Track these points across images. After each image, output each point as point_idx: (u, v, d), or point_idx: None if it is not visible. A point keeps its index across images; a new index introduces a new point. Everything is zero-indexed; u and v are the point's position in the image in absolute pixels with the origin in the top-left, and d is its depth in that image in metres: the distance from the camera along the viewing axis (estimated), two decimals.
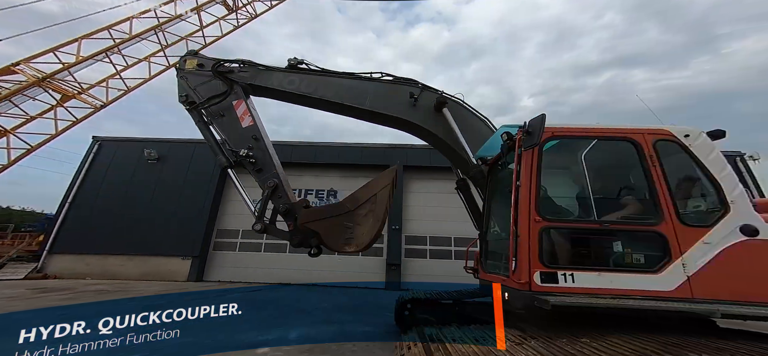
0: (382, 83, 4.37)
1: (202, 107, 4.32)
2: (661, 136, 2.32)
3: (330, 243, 3.57)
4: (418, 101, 4.08)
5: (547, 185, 2.41)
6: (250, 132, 4.12)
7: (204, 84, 4.43)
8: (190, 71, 4.48)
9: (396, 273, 10.15)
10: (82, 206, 10.43)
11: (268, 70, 4.55)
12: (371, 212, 3.44)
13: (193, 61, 4.55)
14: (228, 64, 4.50)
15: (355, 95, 4.34)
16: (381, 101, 4.27)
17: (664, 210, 2.11)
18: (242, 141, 4.10)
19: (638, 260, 2.15)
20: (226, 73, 4.37)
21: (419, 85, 4.19)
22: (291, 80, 4.48)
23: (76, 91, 13.75)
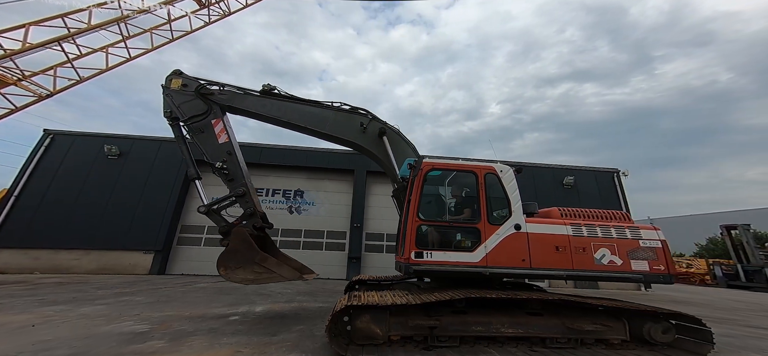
0: (339, 112, 5.34)
1: (185, 122, 5.03)
2: (488, 170, 3.86)
3: (225, 255, 4.27)
4: (367, 129, 5.12)
5: (425, 199, 3.82)
6: (225, 148, 4.93)
7: (187, 102, 5.13)
8: (174, 90, 5.16)
9: (356, 266, 11.32)
10: (30, 199, 9.98)
11: (245, 94, 5.38)
12: (258, 275, 4.15)
13: (178, 81, 5.22)
14: (210, 86, 5.26)
15: (318, 121, 5.29)
16: (338, 127, 5.26)
17: (482, 215, 3.63)
18: (218, 155, 4.91)
19: (466, 244, 3.63)
20: (208, 95, 5.14)
21: (369, 116, 5.23)
22: (263, 104, 5.36)
23: (16, 77, 12.80)
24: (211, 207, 4.74)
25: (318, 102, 5.42)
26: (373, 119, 5.21)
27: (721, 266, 18.52)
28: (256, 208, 4.76)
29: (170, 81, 5.25)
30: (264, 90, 5.37)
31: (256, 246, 4.27)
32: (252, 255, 4.22)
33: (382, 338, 3.11)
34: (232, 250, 4.32)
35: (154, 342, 3.16)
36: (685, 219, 40.56)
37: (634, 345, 3.37)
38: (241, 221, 4.62)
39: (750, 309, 7.87)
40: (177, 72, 5.42)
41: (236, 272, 4.22)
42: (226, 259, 4.28)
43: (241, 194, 4.80)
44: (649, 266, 3.63)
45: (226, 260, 4.28)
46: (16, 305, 4.64)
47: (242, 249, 4.28)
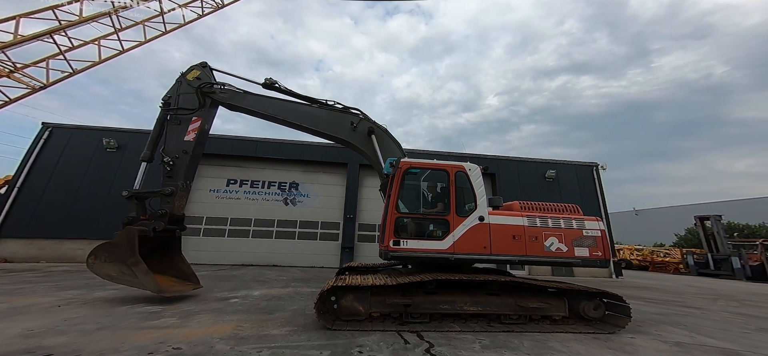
0: (332, 112, 5.79)
1: (173, 110, 5.38)
2: (458, 168, 4.41)
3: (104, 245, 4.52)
4: (357, 128, 5.56)
5: (403, 193, 4.37)
6: (184, 146, 5.23)
7: (186, 94, 5.54)
8: (187, 80, 5.52)
9: (349, 256, 11.95)
10: (32, 191, 10.30)
11: (244, 94, 5.80)
12: (122, 275, 4.34)
13: (196, 73, 5.59)
14: (213, 85, 5.64)
15: (312, 119, 5.74)
16: (330, 125, 5.72)
17: (451, 208, 4.20)
18: (174, 150, 5.19)
19: (437, 234, 4.21)
20: (209, 94, 5.54)
21: (360, 116, 5.66)
22: (262, 103, 5.78)
23: (8, 69, 12.81)
24: (136, 194, 4.91)
25: (314, 99, 5.83)
26: (363, 119, 5.63)
27: (694, 255, 19.69)
28: (173, 211, 4.92)
29: (191, 70, 5.59)
30: (266, 83, 5.73)
31: (136, 250, 4.34)
32: (127, 256, 4.34)
33: (364, 314, 3.70)
34: (114, 244, 4.47)
35: (166, 319, 3.70)
36: (671, 210, 42.11)
37: (573, 320, 4.03)
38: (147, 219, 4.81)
39: (698, 293, 8.74)
40: (202, 64, 5.74)
41: (103, 265, 4.39)
42: (101, 249, 4.46)
43: (168, 193, 4.95)
44: (589, 252, 4.26)
45: (101, 251, 4.45)
46: (37, 290, 5.14)
47: (122, 247, 4.40)
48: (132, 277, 4.33)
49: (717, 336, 3.84)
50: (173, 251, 5.19)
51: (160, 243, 4.96)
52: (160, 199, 4.99)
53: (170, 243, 5.14)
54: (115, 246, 4.47)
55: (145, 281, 4.31)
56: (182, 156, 5.19)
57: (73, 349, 2.56)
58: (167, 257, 5.09)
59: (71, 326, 3.21)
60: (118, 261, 4.38)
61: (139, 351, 2.58)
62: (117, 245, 4.47)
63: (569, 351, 3.05)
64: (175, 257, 5.18)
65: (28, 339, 2.74)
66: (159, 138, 5.38)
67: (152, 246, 4.80)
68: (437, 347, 3.03)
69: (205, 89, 5.52)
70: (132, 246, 4.38)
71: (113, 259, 4.40)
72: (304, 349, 2.84)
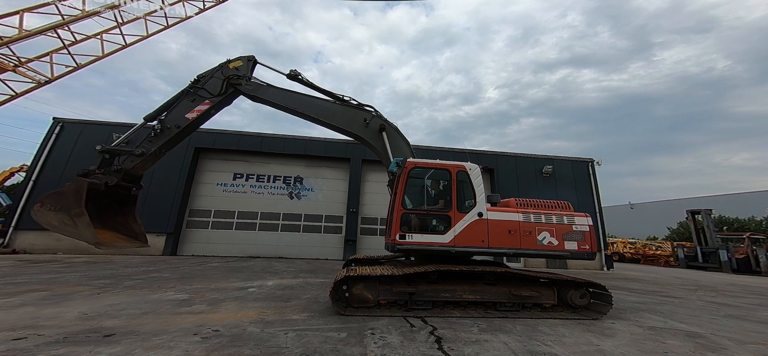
0: (347, 108, 6.07)
1: (196, 87, 5.74)
2: (460, 168, 4.79)
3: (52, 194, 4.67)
4: (370, 124, 5.87)
5: (408, 191, 4.76)
6: (182, 122, 5.63)
7: (216, 79, 5.87)
8: (226, 67, 5.89)
9: (352, 248, 12.43)
10: (47, 184, 10.61)
11: (267, 86, 6.11)
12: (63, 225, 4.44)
13: (238, 63, 5.95)
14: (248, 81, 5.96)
15: (328, 114, 6.04)
16: (345, 120, 6.01)
17: (453, 205, 4.60)
18: (172, 121, 5.58)
19: (439, 229, 4.61)
20: (235, 84, 5.87)
21: (372, 113, 5.96)
22: (283, 97, 6.09)
23: (13, 63, 12.94)
24: (108, 149, 5.16)
25: (331, 93, 6.14)
26: (375, 116, 5.94)
27: (684, 248, 20.35)
28: (132, 170, 5.20)
29: (237, 60, 5.95)
30: (290, 74, 6.05)
31: (82, 201, 4.40)
32: (72, 206, 4.44)
33: (372, 301, 4.12)
34: (62, 193, 4.59)
35: (197, 306, 4.13)
36: (665, 204, 42.86)
37: (561, 307, 4.49)
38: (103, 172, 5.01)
39: (682, 285, 9.29)
40: (249, 58, 6.06)
41: (47, 213, 4.49)
42: (49, 197, 4.60)
43: (138, 154, 5.24)
44: (578, 246, 4.68)
45: (48, 199, 4.58)
46: (70, 280, 5.55)
47: (70, 196, 4.49)
48: (72, 228, 4.43)
49: (688, 322, 4.31)
50: (127, 210, 5.33)
51: (115, 200, 5.13)
52: (127, 157, 5.23)
53: (126, 201, 5.30)
54: (63, 195, 4.57)
55: (84, 232, 4.40)
56: (173, 129, 5.53)
57: (130, 330, 2.97)
58: (120, 215, 5.24)
59: (118, 311, 3.63)
60: (63, 211, 4.49)
61: (186, 332, 2.99)
62: (65, 194, 4.56)
63: (556, 334, 3.49)
64: (127, 216, 5.32)
65: (87, 322, 3.15)
66: (171, 107, 5.67)
67: (108, 202, 4.98)
68: (440, 330, 3.46)
69: (232, 81, 5.84)
70: (79, 197, 4.45)
71: (58, 208, 4.51)
72: (324, 331, 3.26)
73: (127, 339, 2.73)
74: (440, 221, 4.72)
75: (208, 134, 12.68)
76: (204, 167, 12.77)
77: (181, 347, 2.62)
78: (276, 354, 2.56)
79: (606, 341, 3.25)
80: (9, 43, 12.60)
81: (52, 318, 3.21)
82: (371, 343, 2.95)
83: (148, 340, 2.73)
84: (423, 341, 3.09)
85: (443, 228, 4.64)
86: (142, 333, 2.92)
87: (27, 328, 2.88)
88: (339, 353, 2.66)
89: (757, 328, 4.10)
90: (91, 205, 4.54)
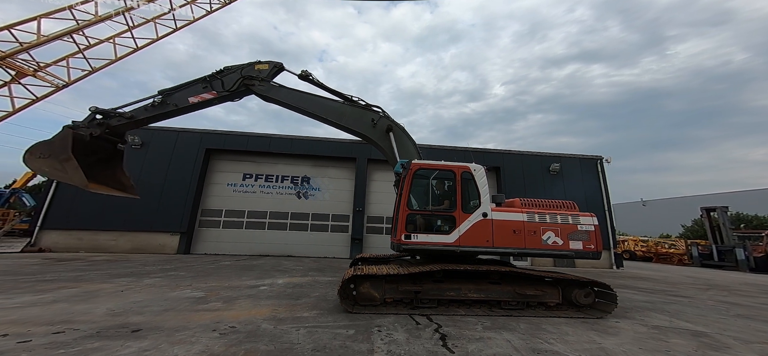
0: (356, 108, 6.18)
1: (213, 77, 6.10)
2: (464, 169, 4.86)
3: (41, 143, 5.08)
4: (377, 124, 5.97)
5: (414, 191, 4.87)
6: (183, 102, 6.02)
7: (232, 75, 6.15)
8: (251, 67, 6.20)
9: (359, 247, 12.62)
10: (69, 185, 11.16)
11: (279, 87, 6.30)
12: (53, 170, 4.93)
13: (265, 66, 6.26)
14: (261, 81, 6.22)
15: (337, 114, 6.18)
16: (353, 121, 6.13)
17: (458, 206, 4.69)
18: (176, 100, 5.98)
19: (444, 229, 4.71)
20: (249, 85, 6.13)
21: (380, 113, 6.07)
22: (294, 97, 6.27)
23: (32, 68, 13.53)
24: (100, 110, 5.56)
25: (340, 93, 6.30)
26: (383, 116, 6.05)
27: (698, 246, 19.83)
28: (118, 128, 5.65)
29: (265, 63, 6.25)
30: (301, 75, 6.25)
31: (69, 148, 4.86)
32: (60, 153, 4.90)
33: (379, 300, 4.27)
34: (50, 142, 5.03)
35: (213, 304, 4.35)
36: (679, 201, 41.69)
37: (566, 306, 4.54)
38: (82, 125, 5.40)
39: (693, 284, 9.14)
40: (275, 63, 6.36)
41: (37, 160, 4.94)
42: (38, 146, 5.02)
43: (128, 117, 5.73)
44: (583, 245, 4.71)
45: (37, 147, 5.00)
46: (93, 277, 5.88)
47: (57, 144, 4.94)
48: (62, 172, 4.89)
49: (694, 321, 4.31)
50: (114, 164, 5.84)
51: (102, 157, 5.59)
52: (116, 117, 5.66)
53: (113, 157, 5.79)
54: (50, 144, 5.01)
55: (74, 175, 4.86)
56: (171, 106, 5.94)
57: (154, 326, 3.19)
58: (110, 169, 5.74)
59: (142, 307, 3.87)
60: (52, 157, 4.94)
61: (205, 329, 3.20)
62: (52, 143, 4.99)
63: (559, 332, 3.56)
64: (116, 170, 5.85)
65: (115, 317, 3.40)
66: (190, 87, 6.07)
67: (95, 160, 5.44)
68: (445, 328, 3.58)
69: (246, 81, 6.08)
70: (65, 145, 4.89)
71: (47, 155, 4.95)
72: (333, 328, 3.42)
73: (152, 335, 2.94)
74: (445, 221, 4.81)
75: (218, 136, 13.03)
76: (215, 167, 13.13)
77: (202, 342, 2.81)
78: (289, 350, 2.72)
79: (609, 339, 3.31)
80: (29, 49, 13.21)
81: (83, 314, 3.47)
82: (378, 340, 3.09)
83: (171, 335, 2.94)
84: (428, 338, 3.21)
85: (448, 228, 4.74)
86: (165, 328, 3.13)
87: (63, 323, 3.13)
88: (347, 349, 2.81)
89: (765, 328, 4.07)
90: (79, 158, 4.95)
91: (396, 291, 4.34)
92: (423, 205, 5.06)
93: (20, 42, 12.95)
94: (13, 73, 13.22)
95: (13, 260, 7.96)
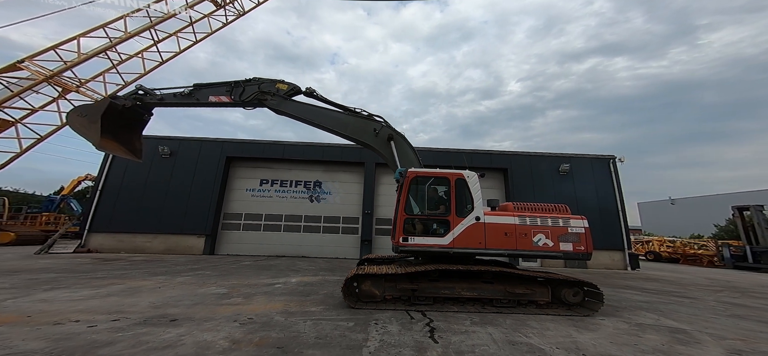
0: (359, 119, 6.66)
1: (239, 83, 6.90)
2: (458, 176, 5.20)
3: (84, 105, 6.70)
4: (379, 134, 6.42)
5: (411, 197, 5.28)
6: (205, 98, 6.93)
7: (252, 87, 6.88)
8: (272, 84, 6.89)
9: (368, 248, 13.14)
10: (110, 192, 12.53)
11: (291, 101, 6.89)
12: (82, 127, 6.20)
13: (284, 86, 6.90)
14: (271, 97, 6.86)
15: (341, 124, 6.68)
16: (357, 130, 6.61)
17: (452, 210, 5.04)
18: (202, 94, 6.88)
19: (439, 232, 5.08)
20: (262, 99, 6.81)
21: (382, 123, 6.51)
22: (302, 109, 6.85)
23: (75, 84, 15.17)
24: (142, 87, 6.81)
25: (344, 106, 6.83)
26: (384, 126, 6.49)
27: (730, 247, 18.65)
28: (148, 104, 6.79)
29: (283, 83, 6.94)
30: (307, 91, 6.91)
31: (100, 113, 6.10)
32: (93, 115, 6.18)
33: (379, 297, 4.72)
34: (91, 105, 6.65)
35: (235, 299, 4.99)
36: (711, 199, 38.91)
37: (556, 305, 4.78)
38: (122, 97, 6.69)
39: (709, 285, 8.84)
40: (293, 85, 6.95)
41: (74, 117, 6.28)
42: (82, 106, 6.58)
43: (159, 98, 6.82)
44: (573, 247, 4.93)
45: (80, 107, 6.50)
46: (135, 275, 6.77)
47: (95, 108, 6.30)
48: (86, 130, 6.15)
49: (681, 320, 4.41)
50: (136, 130, 6.99)
51: (130, 122, 6.74)
52: (150, 95, 6.80)
53: (137, 124, 6.94)
54: (90, 107, 6.49)
55: (92, 136, 6.14)
56: (194, 98, 6.93)
57: (188, 316, 3.84)
58: (129, 133, 6.84)
59: (176, 301, 4.57)
60: (84, 117, 6.23)
61: (228, 319, 3.80)
62: (92, 106, 6.46)
63: (542, 328, 3.86)
64: (134, 135, 6.98)
65: (156, 309, 4.09)
66: (212, 85, 6.99)
67: (125, 123, 6.65)
68: (436, 322, 3.97)
69: (260, 96, 6.80)
70: (99, 109, 6.17)
71: (83, 115, 6.29)
72: (336, 321, 3.92)
73: (186, 323, 3.57)
74: (440, 224, 5.20)
75: (237, 145, 14.03)
76: (235, 174, 14.15)
77: (225, 330, 3.40)
78: (296, 338, 3.25)
79: (585, 334, 3.57)
80: (72, 67, 14.87)
81: (131, 306, 4.19)
82: (374, 331, 3.55)
83: (201, 325, 3.56)
84: (418, 330, 3.63)
85: (443, 231, 5.12)
86: (196, 319, 3.77)
87: (117, 313, 3.85)
88: (345, 338, 3.29)
89: (751, 326, 4.12)
90: (110, 121, 6.28)
91: (395, 288, 4.77)
92: (419, 209, 5.47)
93: (64, 61, 14.63)
94: (60, 89, 14.96)
95: (69, 260, 9.17)
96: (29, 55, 14.42)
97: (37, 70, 14.42)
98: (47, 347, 2.71)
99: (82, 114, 6.34)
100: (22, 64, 14.30)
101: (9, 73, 14.14)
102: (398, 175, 5.68)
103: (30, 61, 14.50)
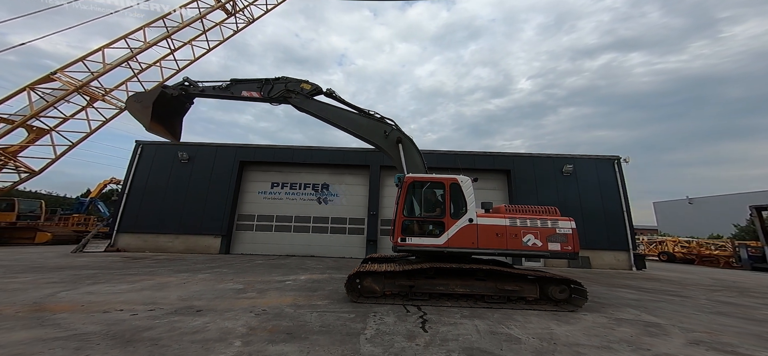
0: (371, 120, 7.11)
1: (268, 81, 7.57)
2: (452, 181, 5.59)
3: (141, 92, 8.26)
4: (389, 136, 6.84)
5: (408, 200, 5.71)
6: (238, 92, 7.62)
7: (279, 85, 7.48)
8: (297, 83, 7.49)
9: (373, 247, 13.62)
10: (135, 195, 13.54)
11: (313, 100, 7.42)
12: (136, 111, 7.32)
13: (309, 87, 7.47)
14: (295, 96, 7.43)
15: (356, 125, 7.16)
16: (369, 131, 7.05)
17: (446, 212, 5.44)
18: (236, 88, 7.62)
19: (435, 232, 5.48)
20: (287, 97, 7.40)
21: (392, 126, 6.92)
22: (321, 108, 7.37)
23: (101, 93, 16.31)
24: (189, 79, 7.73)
25: (359, 108, 7.32)
26: (394, 129, 6.89)
27: (748, 248, 18.10)
28: (192, 95, 7.74)
29: (307, 84, 7.52)
30: (327, 92, 7.46)
31: (152, 100, 7.10)
32: (146, 101, 7.23)
33: (379, 292, 5.18)
34: (145, 92, 7.87)
35: (250, 294, 5.56)
36: (731, 198, 37.31)
37: (544, 301, 5.11)
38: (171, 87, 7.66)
39: (710, 285, 8.84)
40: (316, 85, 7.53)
41: (132, 102, 7.49)
42: (138, 93, 7.93)
43: (201, 89, 7.70)
44: (561, 247, 5.25)
45: (137, 94, 7.78)
46: (162, 273, 7.50)
47: (148, 95, 7.40)
48: (139, 113, 7.19)
49: (661, 316, 4.66)
50: (178, 116, 7.94)
51: (175, 109, 7.71)
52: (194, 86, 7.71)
53: (180, 111, 7.91)
54: (145, 94, 7.66)
55: (143, 119, 7.16)
56: (228, 91, 7.64)
57: (210, 308, 4.42)
58: (173, 119, 7.77)
59: (200, 295, 5.18)
60: (139, 102, 7.30)
61: (244, 311, 4.36)
62: (146, 93, 7.60)
63: (525, 321, 4.23)
64: (176, 121, 7.90)
65: (183, 301, 4.70)
66: (246, 81, 7.71)
67: (172, 110, 7.63)
68: (429, 315, 4.40)
69: (286, 94, 7.41)
70: (152, 96, 7.22)
71: (138, 100, 7.40)
72: (339, 313, 4.41)
73: (210, 314, 4.15)
74: (436, 226, 5.62)
75: (249, 149, 14.80)
76: (247, 177, 14.93)
77: (243, 319, 3.94)
78: (302, 326, 3.75)
79: (563, 327, 3.92)
80: (98, 77, 16.02)
81: (162, 298, 4.82)
82: (372, 322, 4.02)
83: (222, 315, 4.12)
84: (412, 322, 4.07)
85: (438, 232, 5.54)
86: (218, 310, 4.34)
87: (152, 304, 4.48)
88: (345, 327, 3.78)
89: (728, 322, 4.34)
90: (158, 107, 7.24)
91: (393, 285, 5.22)
92: (417, 212, 5.90)
93: (92, 72, 15.78)
94: (88, 99, 16.14)
95: (101, 258, 10.09)
96: (61, 66, 15.67)
97: (67, 81, 15.69)
98: (102, 330, 3.31)
99: (138, 100, 7.40)
100: (54, 76, 15.56)
101: (44, 85, 15.45)
102: (397, 180, 6.13)
103: (61, 72, 15.77)
